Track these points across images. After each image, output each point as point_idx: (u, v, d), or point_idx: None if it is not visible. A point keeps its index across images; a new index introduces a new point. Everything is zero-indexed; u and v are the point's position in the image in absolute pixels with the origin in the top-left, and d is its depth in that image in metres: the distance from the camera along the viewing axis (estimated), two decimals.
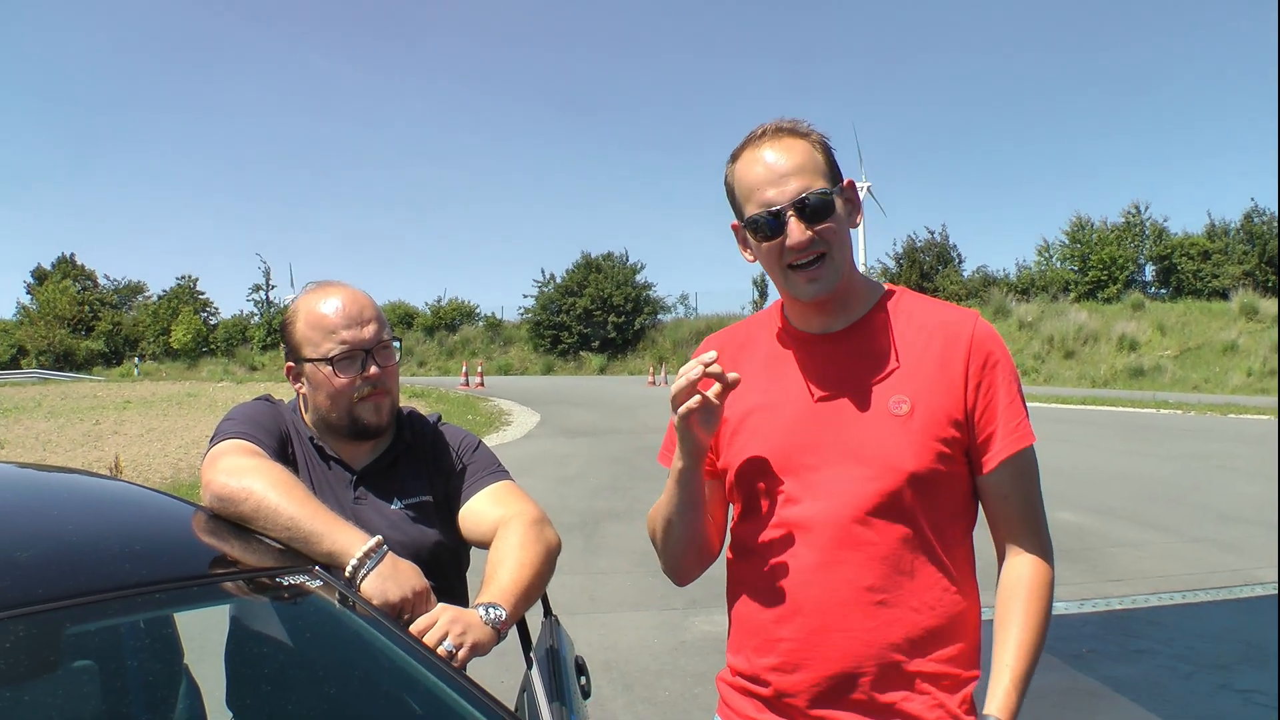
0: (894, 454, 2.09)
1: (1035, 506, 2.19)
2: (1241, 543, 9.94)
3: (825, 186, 2.10)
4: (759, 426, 2.23)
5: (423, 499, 2.67)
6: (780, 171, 2.10)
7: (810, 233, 2.09)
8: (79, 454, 18.34)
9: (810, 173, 2.10)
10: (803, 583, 2.14)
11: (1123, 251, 48.92)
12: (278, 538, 2.29)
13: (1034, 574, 2.15)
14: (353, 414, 2.60)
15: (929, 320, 2.20)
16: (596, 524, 11.20)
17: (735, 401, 2.23)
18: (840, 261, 2.14)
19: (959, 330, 2.16)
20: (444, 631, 2.17)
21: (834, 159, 2.17)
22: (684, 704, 5.82)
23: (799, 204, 2.08)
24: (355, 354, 2.56)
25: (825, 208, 2.09)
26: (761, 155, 2.13)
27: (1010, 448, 2.12)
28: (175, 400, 33.57)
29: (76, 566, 2.01)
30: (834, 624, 2.11)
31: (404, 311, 64.04)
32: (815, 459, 2.14)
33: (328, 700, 2.28)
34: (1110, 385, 36.07)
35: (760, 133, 2.16)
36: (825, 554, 2.12)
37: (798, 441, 2.17)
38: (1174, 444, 18.24)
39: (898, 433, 2.10)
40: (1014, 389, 2.15)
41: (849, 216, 2.18)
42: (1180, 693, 5.97)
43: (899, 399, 2.11)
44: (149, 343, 68.92)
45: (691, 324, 58.72)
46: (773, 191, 2.10)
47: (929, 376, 2.13)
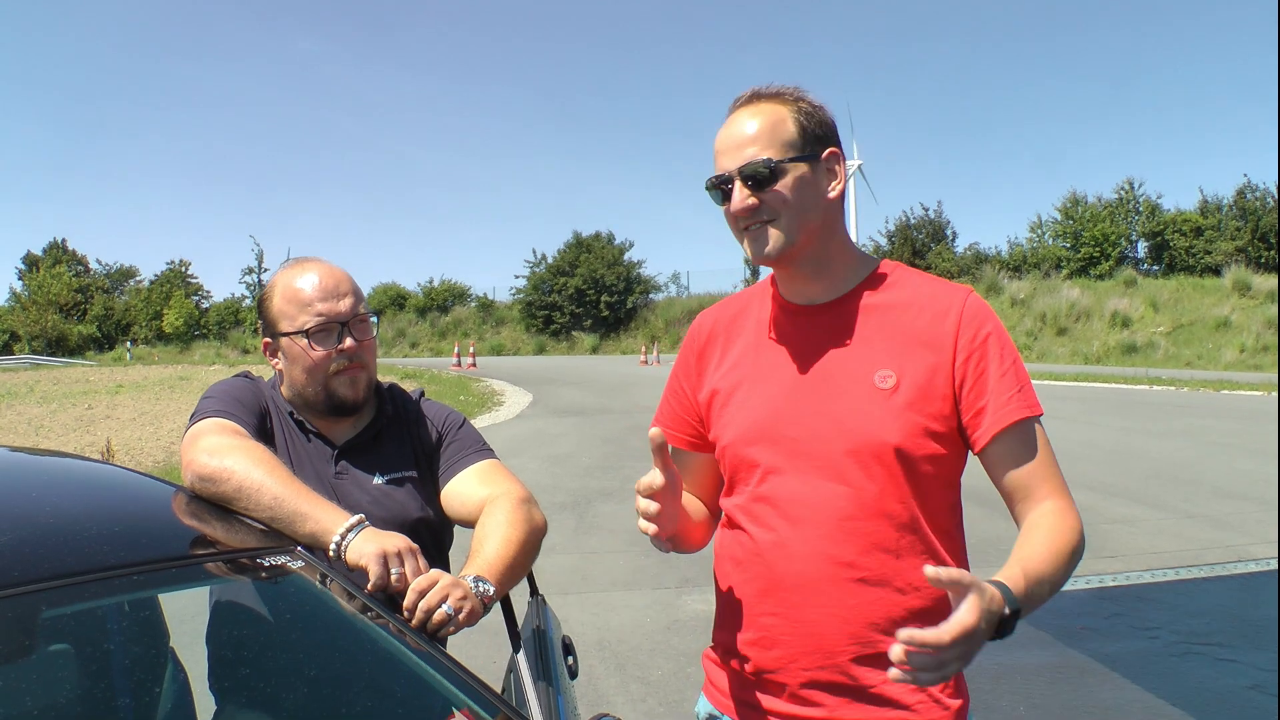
0: (877, 427, 2.05)
1: (1050, 468, 2.08)
2: (1235, 519, 9.96)
3: (776, 156, 2.08)
4: (746, 399, 2.21)
5: (405, 474, 2.65)
6: (738, 140, 2.11)
7: (754, 200, 2.08)
8: (71, 439, 18.31)
9: (767, 141, 2.09)
10: (783, 557, 2.12)
11: (1115, 228, 48.94)
12: (260, 518, 2.27)
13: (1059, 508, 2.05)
14: (329, 388, 2.58)
15: (919, 295, 2.16)
16: (589, 503, 11.19)
17: (727, 372, 2.25)
18: (789, 228, 2.10)
19: (949, 305, 2.11)
20: (445, 593, 2.14)
21: (817, 128, 2.14)
22: (677, 683, 5.81)
23: (741, 171, 2.08)
24: (331, 327, 2.54)
25: (769, 175, 2.08)
26: (733, 121, 2.14)
27: (1003, 420, 2.04)
28: (168, 384, 33.48)
29: (53, 549, 1.98)
30: (812, 600, 2.09)
31: (396, 293, 64.03)
32: (798, 431, 2.12)
33: (309, 682, 2.27)
34: (1103, 362, 36.13)
35: (741, 97, 2.17)
36: (806, 529, 2.10)
37: (781, 414, 2.15)
38: (1167, 420, 18.27)
39: (882, 406, 2.06)
40: (1007, 363, 2.08)
41: (818, 185, 2.13)
42: (1174, 669, 5.97)
43: (885, 373, 2.08)
44: (141, 327, 68.89)
45: (684, 303, 58.78)
46: (726, 159, 2.12)
47: (916, 351, 2.09)
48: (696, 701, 2.47)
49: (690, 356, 2.39)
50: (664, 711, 5.43)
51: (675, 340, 54.75)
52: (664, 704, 5.52)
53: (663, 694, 5.66)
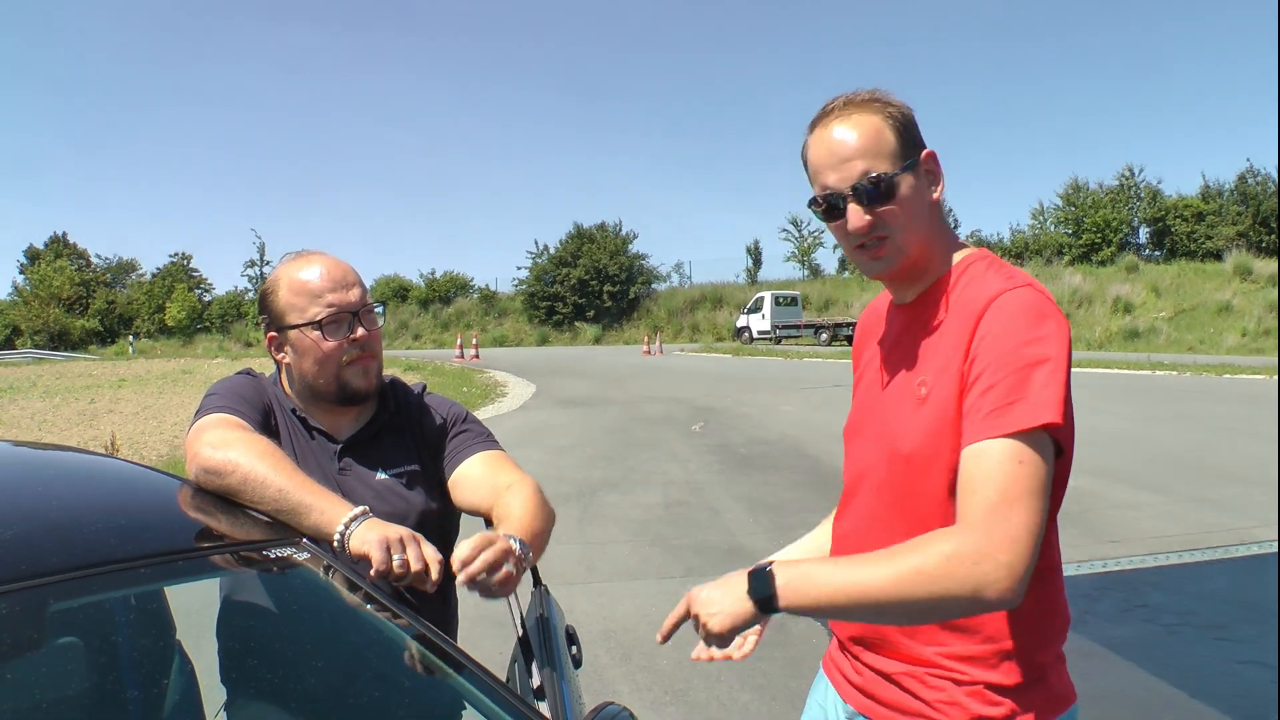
0: (899, 438, 2.08)
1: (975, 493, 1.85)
2: (1238, 503, 9.97)
3: (887, 169, 2.03)
4: (854, 394, 2.39)
5: (409, 468, 2.65)
6: (841, 155, 2.05)
7: (869, 217, 2.04)
8: (74, 433, 18.34)
9: (873, 154, 2.03)
10: (842, 547, 2.27)
11: (1117, 214, 49.01)
12: (265, 510, 2.28)
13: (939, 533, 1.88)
14: (341, 378, 2.58)
15: (975, 294, 2.03)
16: (593, 494, 11.20)
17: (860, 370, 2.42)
18: (904, 242, 2.08)
19: (979, 305, 1.98)
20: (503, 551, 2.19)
21: (911, 132, 2.10)
22: (683, 673, 5.81)
23: (855, 189, 2.04)
24: (342, 317, 2.55)
25: (883, 192, 2.04)
26: (828, 134, 2.08)
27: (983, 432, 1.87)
28: (170, 377, 33.55)
29: (60, 543, 1.99)
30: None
31: (398, 285, 64.09)
32: (865, 433, 2.23)
33: (316, 673, 2.27)
34: (1105, 348, 36.15)
35: (832, 107, 2.10)
36: (861, 523, 2.21)
37: (862, 415, 2.27)
38: (1169, 405, 18.28)
39: (912, 415, 2.07)
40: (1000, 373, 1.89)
41: (923, 191, 2.11)
42: (1177, 653, 5.99)
43: (922, 380, 2.08)
44: (143, 320, 68.93)
45: (686, 293, 58.86)
46: (833, 176, 2.06)
47: (946, 358, 2.04)
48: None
49: (853, 351, 2.51)
50: (669, 700, 5.44)
51: (678, 330, 54.86)
52: (669, 693, 5.53)
53: (668, 683, 5.66)
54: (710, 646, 2.06)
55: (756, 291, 53.47)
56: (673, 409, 19.59)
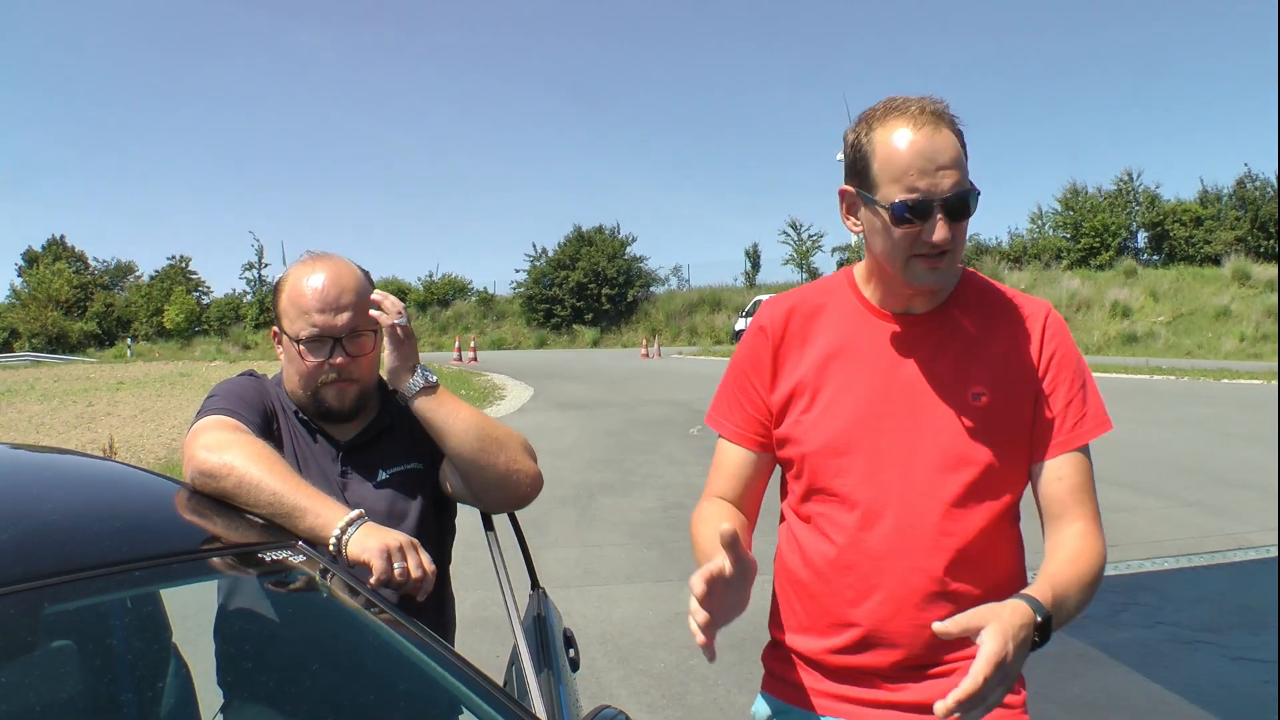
0: (971, 446, 2.09)
1: (1089, 493, 2.16)
2: (1235, 507, 9.96)
3: (969, 187, 2.02)
4: (833, 405, 2.18)
5: (410, 467, 2.65)
6: (937, 163, 1.99)
7: (949, 232, 2.01)
8: (72, 436, 18.31)
9: (962, 169, 2.01)
10: (875, 569, 2.13)
11: (1115, 218, 49.01)
12: (260, 513, 2.28)
13: (1085, 532, 2.12)
14: (317, 395, 2.58)
15: (1006, 309, 2.19)
16: (591, 497, 11.21)
17: (808, 372, 2.21)
18: (958, 258, 2.10)
19: (1034, 323, 2.17)
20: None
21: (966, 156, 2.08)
22: (679, 675, 5.82)
23: (948, 202, 2.00)
24: (324, 339, 2.53)
25: (967, 210, 2.02)
26: (917, 138, 2.00)
27: (1068, 444, 2.13)
28: (168, 380, 33.52)
29: (55, 545, 1.99)
30: (907, 612, 2.11)
31: (396, 287, 63.91)
32: (890, 444, 2.13)
33: (312, 676, 2.27)
34: (1103, 352, 36.14)
35: (915, 110, 2.03)
36: (898, 540, 2.11)
37: (874, 424, 2.14)
38: (1167, 409, 18.28)
39: (975, 423, 2.09)
40: (1078, 385, 2.15)
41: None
42: (1173, 657, 5.98)
43: (978, 391, 2.10)
44: (142, 323, 68.78)
45: (684, 296, 58.84)
46: (925, 182, 1.99)
47: (1004, 367, 2.12)
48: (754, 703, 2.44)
49: (765, 352, 2.29)
50: (666, 703, 5.44)
51: (676, 333, 54.84)
52: (666, 696, 5.54)
53: (665, 686, 5.67)
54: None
55: (755, 295, 53.38)
56: (671, 412, 19.60)
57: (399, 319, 2.56)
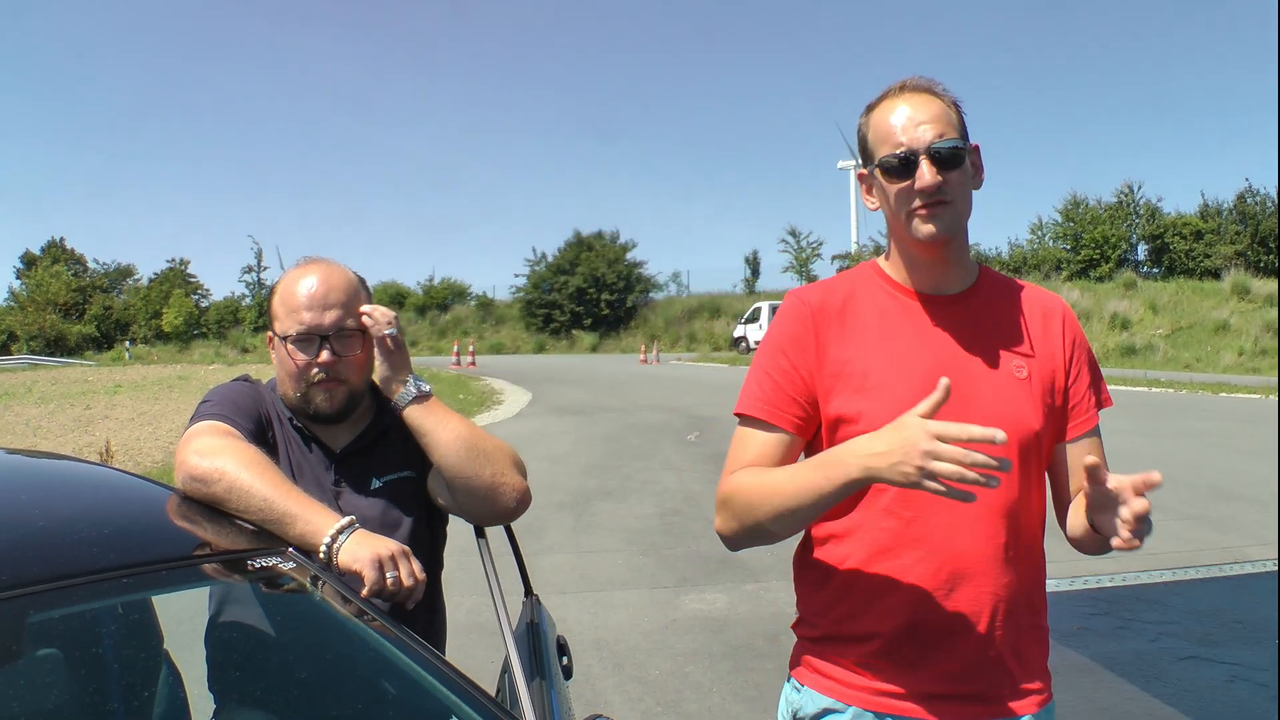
0: (1026, 415, 2.18)
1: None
2: (1233, 521, 9.97)
3: (957, 139, 2.16)
4: (884, 384, 2.17)
5: (404, 475, 2.64)
6: (918, 119, 2.15)
7: (940, 178, 2.12)
8: (69, 439, 18.31)
9: (945, 124, 2.16)
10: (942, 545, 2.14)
11: (1115, 230, 49.06)
12: (251, 519, 2.27)
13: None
14: (306, 395, 2.57)
15: (1029, 293, 2.35)
16: (587, 502, 11.20)
17: (855, 353, 2.21)
18: (962, 210, 2.19)
19: (1055, 309, 2.33)
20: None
21: (964, 122, 2.23)
22: (675, 683, 5.80)
23: (932, 149, 2.12)
24: (311, 337, 2.53)
25: (956, 156, 2.14)
26: (901, 104, 2.19)
27: (1094, 419, 2.30)
28: (166, 384, 33.53)
29: (42, 552, 1.98)
30: (976, 584, 2.15)
31: (396, 291, 64.03)
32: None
33: (301, 684, 2.26)
34: (1102, 364, 35.77)
35: (899, 87, 2.22)
36: (964, 515, 2.11)
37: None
38: (1166, 422, 18.30)
39: (1021, 394, 2.19)
40: (1095, 367, 2.35)
41: (972, 176, 2.22)
42: (1169, 670, 5.97)
43: (1018, 363, 2.22)
44: (140, 326, 68.79)
45: (683, 302, 58.92)
46: (907, 136, 2.14)
47: (1038, 346, 2.26)
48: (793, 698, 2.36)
49: (805, 332, 2.25)
50: (661, 711, 5.43)
51: (675, 339, 54.87)
52: (661, 703, 5.52)
53: (660, 693, 5.65)
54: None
55: (754, 302, 53.35)
56: (669, 418, 19.58)
57: (389, 329, 2.57)
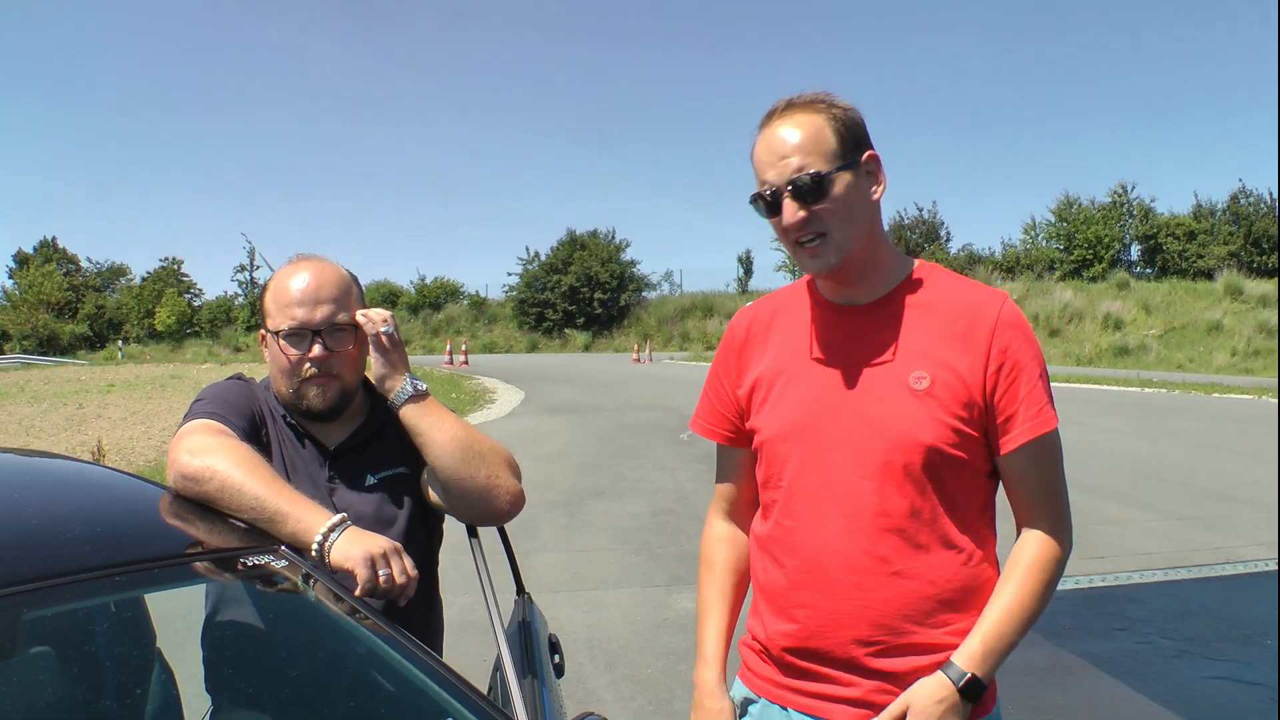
0: (910, 427, 2.12)
1: (1052, 489, 2.20)
2: (1225, 521, 9.98)
3: (823, 168, 2.10)
4: (784, 395, 2.27)
5: (398, 472, 2.65)
6: (781, 152, 2.12)
7: (804, 213, 2.10)
8: (62, 438, 18.25)
9: (811, 152, 2.10)
10: (819, 551, 2.19)
11: (1109, 231, 49.12)
12: (243, 517, 2.27)
13: (1038, 549, 2.17)
14: (299, 391, 2.57)
15: (956, 299, 2.21)
16: (580, 502, 11.20)
17: (768, 367, 2.31)
18: (843, 239, 2.14)
19: (985, 312, 2.17)
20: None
21: (853, 133, 2.16)
22: (666, 681, 5.81)
23: (792, 185, 2.10)
24: (303, 333, 2.53)
25: (818, 189, 2.09)
26: (770, 133, 2.15)
27: (1028, 434, 2.13)
28: (159, 383, 33.45)
29: (35, 550, 1.98)
30: (848, 593, 2.17)
31: (388, 290, 63.86)
32: (834, 429, 2.19)
33: (294, 683, 2.26)
34: (1095, 364, 36.17)
35: (774, 109, 2.18)
36: (842, 524, 2.17)
37: (818, 412, 2.21)
38: (1158, 423, 18.31)
39: (915, 407, 2.13)
40: (1035, 374, 2.16)
41: (863, 190, 2.17)
42: (1161, 670, 5.99)
43: (919, 374, 2.14)
44: (133, 325, 68.51)
45: (676, 301, 58.83)
46: (772, 173, 2.13)
47: (950, 355, 2.14)
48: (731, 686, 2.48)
49: (730, 354, 2.44)
50: (653, 710, 5.43)
51: (668, 339, 54.84)
52: (653, 702, 5.53)
53: (652, 692, 5.66)
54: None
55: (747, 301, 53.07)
56: (661, 417, 19.57)
57: (385, 327, 2.57)
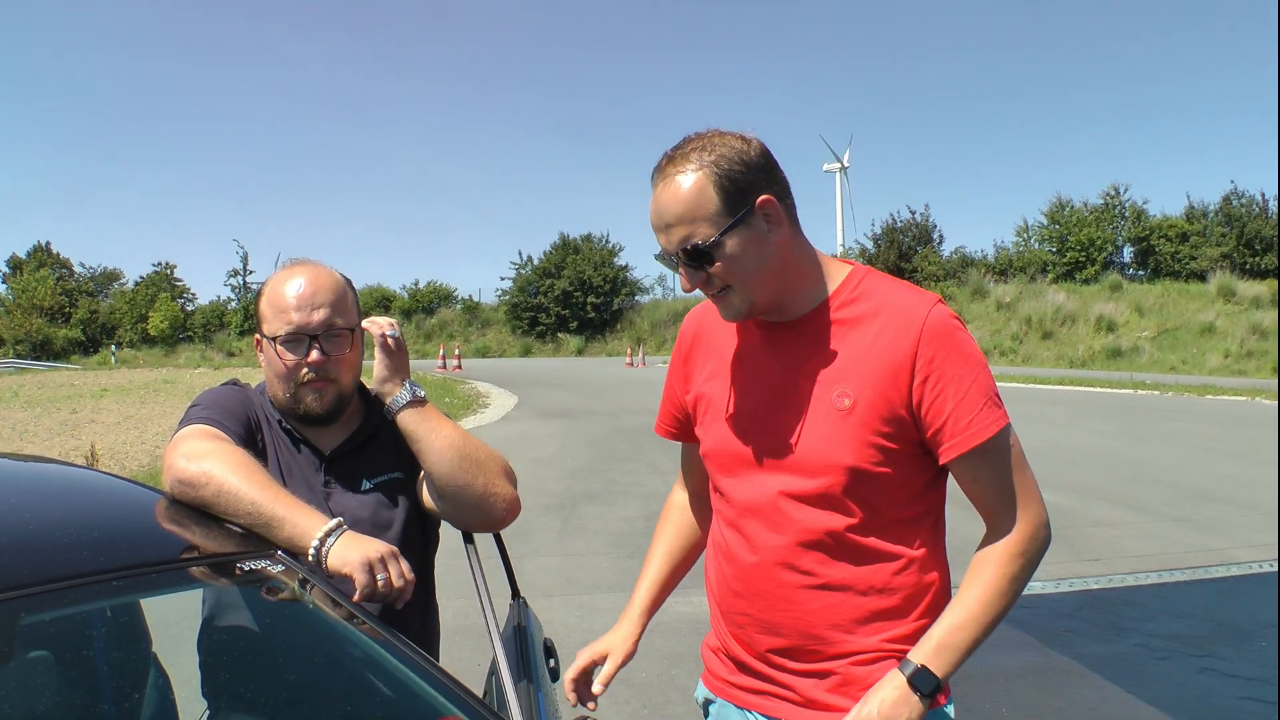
0: (831, 449, 2.11)
1: (1005, 488, 2.13)
2: (1218, 523, 10.00)
3: (708, 234, 2.04)
4: (720, 411, 2.30)
5: (394, 476, 2.65)
6: (664, 220, 2.08)
7: (702, 274, 2.10)
8: (56, 443, 18.21)
9: (694, 220, 2.05)
10: (750, 565, 2.24)
11: (1101, 233, 49.14)
12: (239, 522, 2.27)
13: (996, 547, 2.14)
14: (296, 396, 2.58)
15: (883, 309, 2.14)
16: (574, 506, 11.19)
17: (707, 380, 2.35)
18: (746, 291, 2.12)
19: (910, 319, 2.09)
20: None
21: (739, 184, 2.05)
22: (660, 685, 5.81)
23: (682, 255, 2.09)
24: (300, 337, 2.53)
25: (706, 256, 2.07)
26: (655, 198, 2.10)
27: (964, 445, 2.08)
28: (152, 387, 33.39)
29: (32, 555, 1.98)
30: (777, 605, 2.21)
31: (381, 295, 63.79)
32: (760, 447, 2.21)
33: (291, 687, 2.26)
34: (1088, 366, 36.23)
35: (659, 165, 2.11)
36: (768, 540, 2.20)
37: (745, 430, 2.23)
38: (1151, 425, 18.34)
39: (838, 427, 2.11)
40: (966, 383, 2.07)
41: (759, 240, 2.09)
42: (1155, 672, 6.00)
43: (842, 391, 2.11)
44: (126, 330, 68.35)
45: (669, 305, 58.79)
46: (661, 238, 2.12)
47: (874, 369, 2.09)
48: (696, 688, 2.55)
49: (679, 360, 2.48)
50: (647, 714, 5.43)
51: (661, 342, 54.83)
52: (647, 706, 5.53)
53: (646, 696, 5.66)
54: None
55: None
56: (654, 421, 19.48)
57: (390, 330, 2.61)
